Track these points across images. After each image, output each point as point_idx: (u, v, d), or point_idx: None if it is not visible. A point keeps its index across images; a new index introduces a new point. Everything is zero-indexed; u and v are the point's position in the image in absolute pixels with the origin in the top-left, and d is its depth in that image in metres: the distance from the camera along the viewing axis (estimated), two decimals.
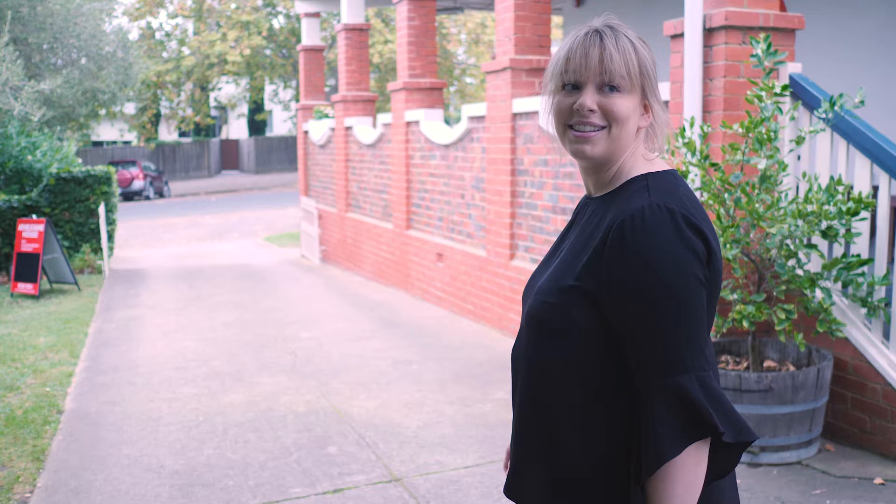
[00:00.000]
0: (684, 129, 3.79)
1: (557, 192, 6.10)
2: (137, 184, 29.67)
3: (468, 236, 7.67)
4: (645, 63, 1.42)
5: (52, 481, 4.08)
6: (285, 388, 5.53)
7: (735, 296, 3.72)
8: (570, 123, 1.43)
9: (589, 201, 1.50)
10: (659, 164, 1.46)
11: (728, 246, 3.51)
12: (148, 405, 5.29)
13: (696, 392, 1.30)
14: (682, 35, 4.52)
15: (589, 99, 1.40)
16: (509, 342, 6.65)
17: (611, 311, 1.35)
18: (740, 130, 3.67)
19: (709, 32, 4.39)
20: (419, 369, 5.94)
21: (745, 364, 4.14)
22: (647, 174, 1.42)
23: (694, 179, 3.89)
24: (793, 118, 3.90)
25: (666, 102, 4.83)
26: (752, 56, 3.81)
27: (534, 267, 6.49)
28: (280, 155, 38.88)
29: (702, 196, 4.07)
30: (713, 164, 3.70)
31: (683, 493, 1.29)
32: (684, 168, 3.88)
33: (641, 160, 1.44)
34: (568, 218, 6.15)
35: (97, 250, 12.09)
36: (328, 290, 9.66)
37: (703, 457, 1.31)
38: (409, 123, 8.77)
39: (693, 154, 3.74)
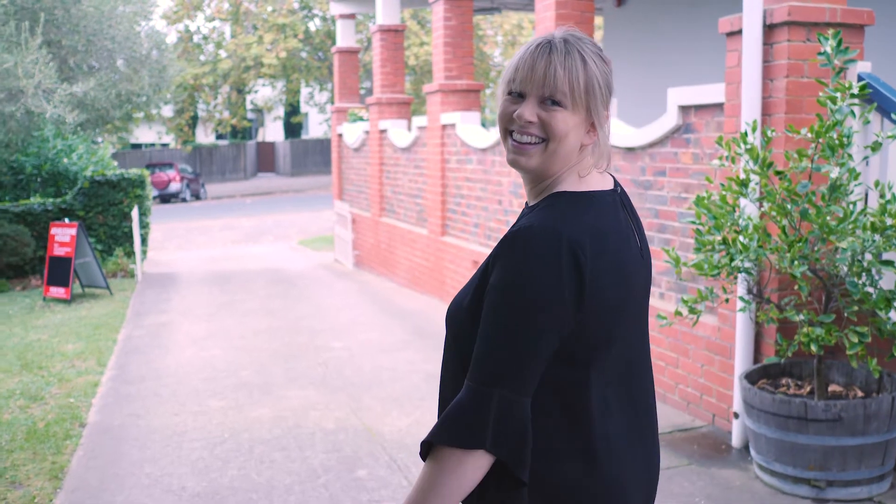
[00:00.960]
0: (746, 135, 3.48)
1: None
2: (174, 186, 29.86)
3: None
4: (592, 81, 1.40)
5: (69, 503, 3.89)
6: (314, 403, 5.31)
7: (801, 316, 3.40)
8: (510, 129, 1.44)
9: (525, 210, 1.51)
10: (588, 184, 1.44)
11: (796, 263, 3.20)
12: (173, 419, 5.10)
13: (487, 407, 1.32)
14: (739, 32, 4.20)
15: (528, 111, 1.41)
16: None
17: None
18: (809, 135, 3.35)
19: (769, 29, 4.07)
20: None
21: (807, 388, 3.81)
22: (563, 193, 1.42)
23: (755, 189, 3.58)
24: (867, 122, 3.57)
25: (720, 105, 4.52)
26: (820, 54, 3.49)
27: None
28: (315, 157, 38.92)
29: (762, 206, 3.76)
30: (778, 173, 3.39)
31: (441, 483, 1.33)
32: (744, 176, 3.56)
33: (573, 177, 1.44)
34: None
35: (130, 254, 12.03)
36: (361, 296, 9.45)
37: (477, 466, 1.33)
38: (444, 126, 8.52)
39: (755, 161, 3.43)
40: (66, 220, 10.27)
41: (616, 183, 1.51)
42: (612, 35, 10.86)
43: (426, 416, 4.98)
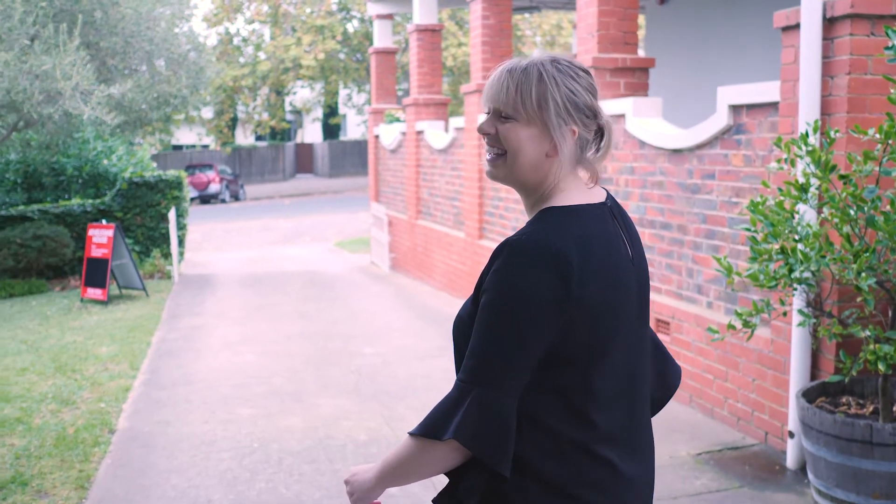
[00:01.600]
0: (806, 136, 3.23)
1: (645, 202, 5.56)
2: (213, 187, 30.09)
3: None
4: (545, 95, 1.48)
5: None
6: (346, 412, 5.15)
7: (867, 332, 3.14)
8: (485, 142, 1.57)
9: None
10: (575, 198, 1.52)
11: (864, 274, 2.95)
12: (202, 427, 4.98)
13: (461, 403, 1.42)
14: (796, 26, 3.95)
15: (486, 123, 1.53)
16: None
17: None
18: (877, 136, 3.10)
19: (829, 23, 3.81)
20: None
21: (870, 408, 3.55)
22: (550, 208, 1.50)
23: (815, 194, 3.33)
24: None
25: (774, 104, 4.27)
26: (888, 48, 3.23)
27: None
28: (353, 159, 38.98)
29: (822, 213, 3.51)
30: (843, 177, 3.14)
31: (403, 461, 1.49)
32: (803, 180, 3.32)
33: (557, 193, 1.52)
34: (654, 231, 5.62)
35: (167, 255, 12.04)
36: (396, 300, 9.29)
37: (443, 457, 1.45)
38: None
39: (816, 164, 3.18)
40: (104, 222, 10.29)
41: (608, 196, 1.60)
42: (654, 34, 10.58)
43: None
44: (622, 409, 1.52)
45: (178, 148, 38.14)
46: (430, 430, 1.44)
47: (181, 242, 12.67)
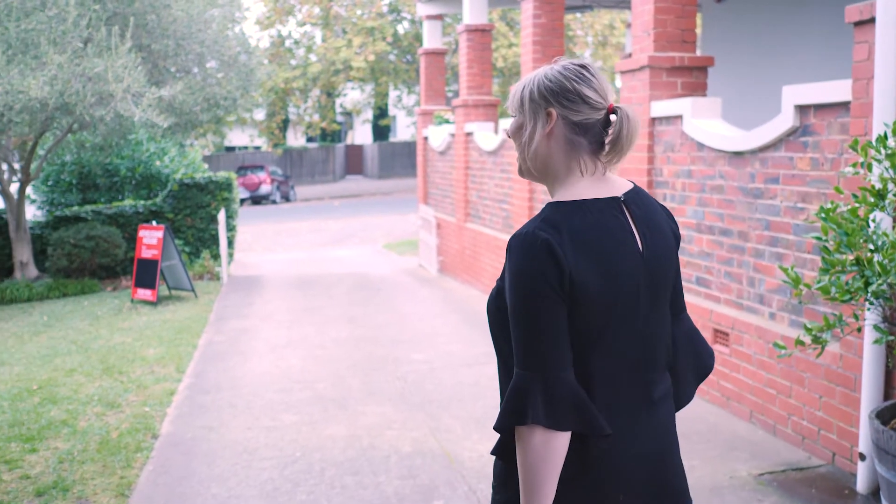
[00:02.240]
0: (885, 137, 2.99)
1: (703, 207, 5.32)
2: (265, 188, 30.38)
3: None
4: (525, 92, 1.68)
5: None
6: (391, 421, 5.03)
7: None
8: None
9: None
10: (580, 193, 1.65)
11: None
12: (245, 433, 4.91)
13: (530, 387, 1.54)
14: (871, 21, 3.70)
15: (509, 128, 1.75)
16: None
17: None
18: None
19: None
20: None
21: None
22: (551, 203, 1.65)
23: (893, 201, 3.08)
24: None
25: (845, 104, 4.01)
26: None
27: None
28: (403, 160, 39.04)
29: None
30: None
31: (525, 463, 1.55)
32: (881, 185, 3.07)
33: (563, 188, 1.67)
34: (713, 237, 5.37)
35: (216, 256, 12.11)
36: (444, 304, 9.16)
37: (543, 441, 1.54)
38: None
39: (895, 168, 2.94)
40: (154, 223, 10.38)
41: (631, 190, 1.69)
42: (710, 33, 10.25)
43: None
44: (631, 392, 1.64)
45: (230, 149, 38.65)
46: (509, 420, 1.56)
47: (230, 244, 12.73)
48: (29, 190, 13.37)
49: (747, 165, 4.86)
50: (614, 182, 1.68)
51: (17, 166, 11.22)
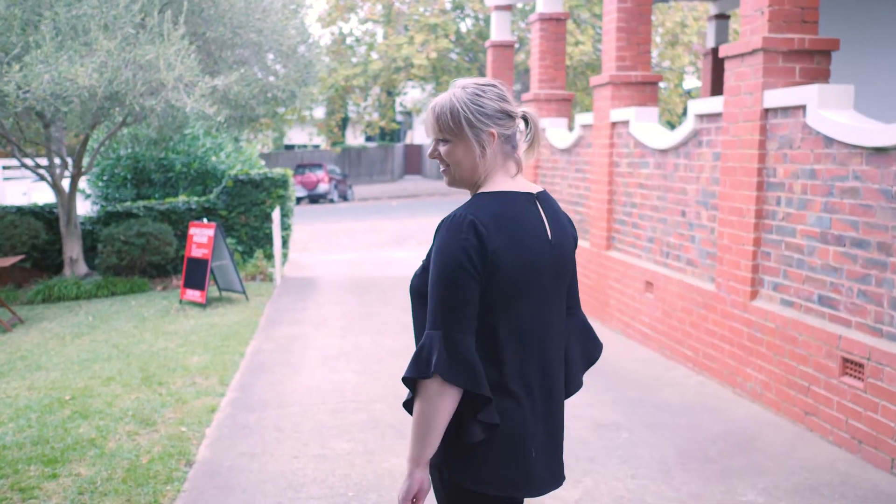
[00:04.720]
0: None
1: (830, 214, 4.50)
2: (322, 187, 30.05)
3: (689, 264, 6.16)
4: (458, 117, 1.90)
5: None
6: None
7: None
8: None
9: None
10: (501, 186, 1.93)
11: None
12: (291, 463, 4.28)
13: (435, 343, 1.80)
14: None
15: (432, 149, 1.98)
16: (746, 407, 5.10)
17: None
18: None
19: None
20: (630, 440, 4.55)
21: None
22: (479, 193, 1.93)
23: None
24: None
25: None
26: None
27: (784, 310, 4.91)
28: None
29: None
30: None
31: (420, 411, 1.81)
32: None
33: (486, 183, 1.95)
34: (842, 249, 4.56)
35: (270, 256, 11.60)
36: None
37: (439, 392, 1.79)
38: (614, 124, 7.38)
39: None
40: (205, 220, 9.88)
41: (542, 192, 2.00)
42: (829, 13, 9.30)
43: (599, 489, 3.90)
44: (531, 362, 1.90)
45: (289, 147, 38.56)
46: (419, 370, 1.79)
47: (285, 243, 12.22)
48: (83, 184, 13.09)
49: (892, 164, 4.04)
50: (526, 183, 1.98)
51: (69, 160, 10.89)
